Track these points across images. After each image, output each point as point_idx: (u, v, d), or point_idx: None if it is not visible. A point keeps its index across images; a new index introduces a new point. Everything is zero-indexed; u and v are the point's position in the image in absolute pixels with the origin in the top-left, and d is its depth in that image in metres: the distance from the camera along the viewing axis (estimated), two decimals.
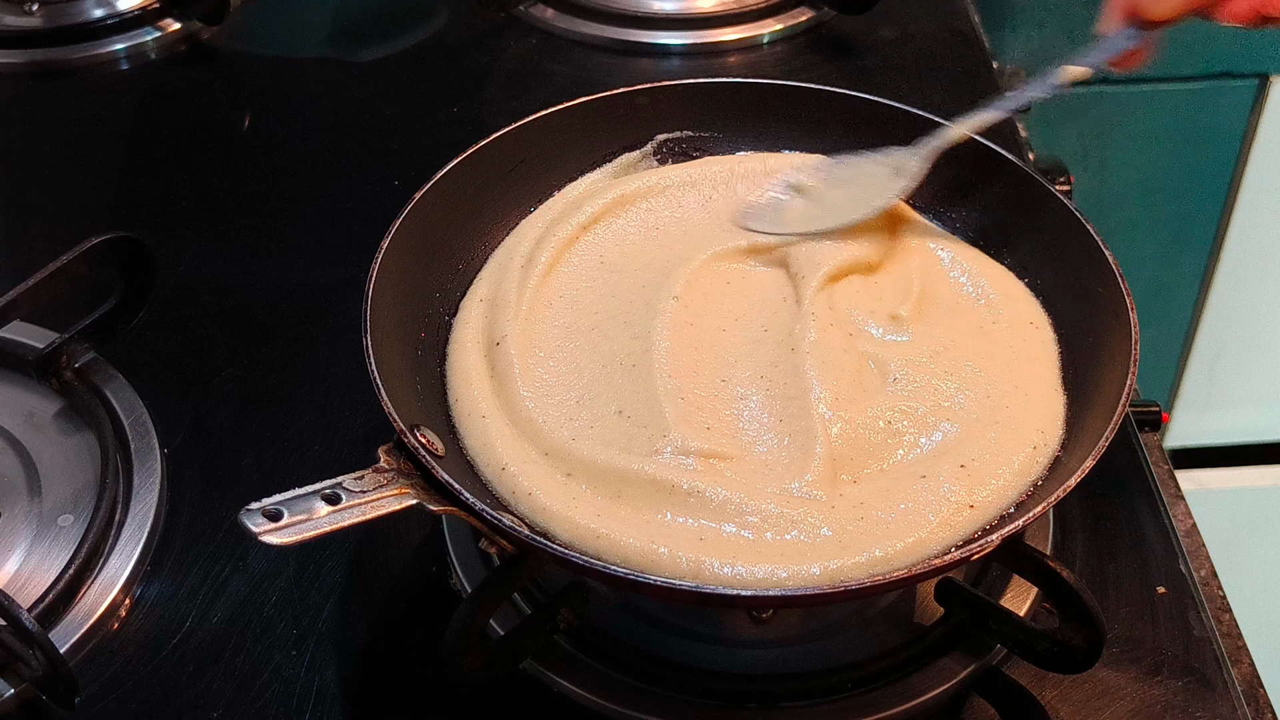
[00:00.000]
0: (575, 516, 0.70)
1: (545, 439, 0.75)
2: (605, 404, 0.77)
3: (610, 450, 0.74)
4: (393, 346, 0.78)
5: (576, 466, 0.74)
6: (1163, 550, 0.85)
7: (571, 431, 0.76)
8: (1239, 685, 0.78)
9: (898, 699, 0.76)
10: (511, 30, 1.32)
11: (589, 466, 0.73)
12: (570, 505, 0.71)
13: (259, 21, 1.36)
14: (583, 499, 0.72)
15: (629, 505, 0.72)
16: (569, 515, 0.71)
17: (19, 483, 0.88)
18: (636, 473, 0.72)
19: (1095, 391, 0.76)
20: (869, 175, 0.88)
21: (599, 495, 0.72)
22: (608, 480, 0.73)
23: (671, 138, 0.94)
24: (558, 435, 0.75)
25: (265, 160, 1.19)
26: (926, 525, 0.70)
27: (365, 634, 0.81)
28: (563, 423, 0.77)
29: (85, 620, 0.80)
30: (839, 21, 1.30)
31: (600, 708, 0.76)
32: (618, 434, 0.75)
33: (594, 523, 0.70)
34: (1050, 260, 0.84)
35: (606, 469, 0.73)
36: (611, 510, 0.71)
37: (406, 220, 0.82)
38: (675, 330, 0.81)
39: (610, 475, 0.73)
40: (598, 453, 0.74)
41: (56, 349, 0.91)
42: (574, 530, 0.70)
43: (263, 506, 0.63)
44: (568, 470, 0.74)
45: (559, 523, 0.71)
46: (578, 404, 0.78)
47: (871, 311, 0.83)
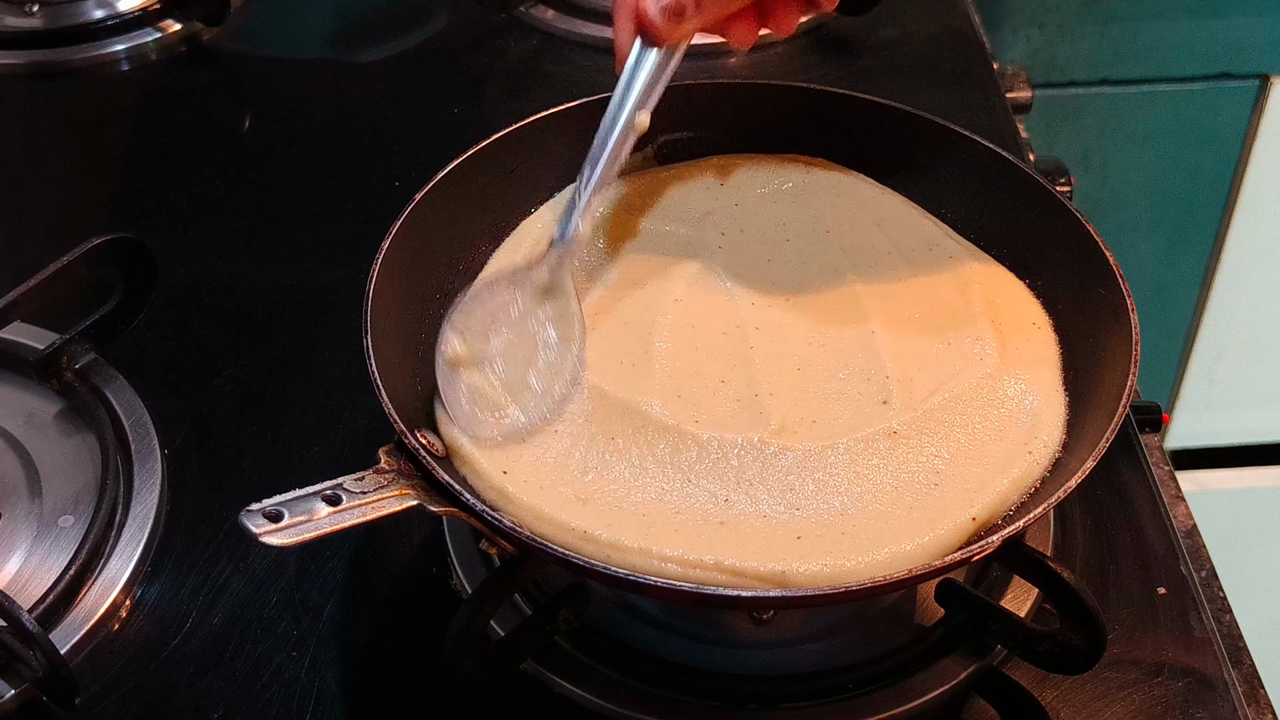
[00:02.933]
0: (574, 518, 0.70)
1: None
2: None
3: (610, 451, 0.74)
4: (393, 347, 0.78)
5: (576, 467, 0.74)
6: (1163, 551, 0.85)
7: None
8: (1239, 686, 0.78)
9: (898, 700, 0.76)
10: (512, 31, 1.32)
11: (589, 468, 0.74)
12: (570, 506, 0.71)
13: (259, 22, 1.36)
14: (583, 500, 0.72)
15: (630, 506, 0.72)
16: (567, 517, 0.70)
17: (19, 484, 0.88)
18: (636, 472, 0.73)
19: (1096, 392, 0.76)
20: (510, 308, 0.78)
21: (599, 495, 0.72)
22: (608, 480, 0.73)
23: (672, 138, 0.93)
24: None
25: (266, 161, 1.19)
26: (928, 527, 0.70)
27: (366, 635, 0.82)
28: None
29: (86, 621, 0.80)
30: (839, 22, 1.30)
31: (601, 709, 0.76)
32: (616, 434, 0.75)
33: (594, 525, 0.70)
34: (1051, 261, 0.84)
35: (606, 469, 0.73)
36: (612, 511, 0.71)
37: (407, 221, 0.82)
38: (675, 331, 0.81)
39: (611, 475, 0.73)
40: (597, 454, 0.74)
41: (57, 350, 0.91)
42: (573, 531, 0.70)
43: (263, 507, 0.63)
44: (568, 470, 0.74)
45: (559, 524, 0.70)
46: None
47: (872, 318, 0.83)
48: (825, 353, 0.81)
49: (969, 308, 0.82)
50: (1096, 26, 1.55)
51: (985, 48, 1.27)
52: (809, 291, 0.85)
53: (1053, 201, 0.84)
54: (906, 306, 0.83)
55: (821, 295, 0.84)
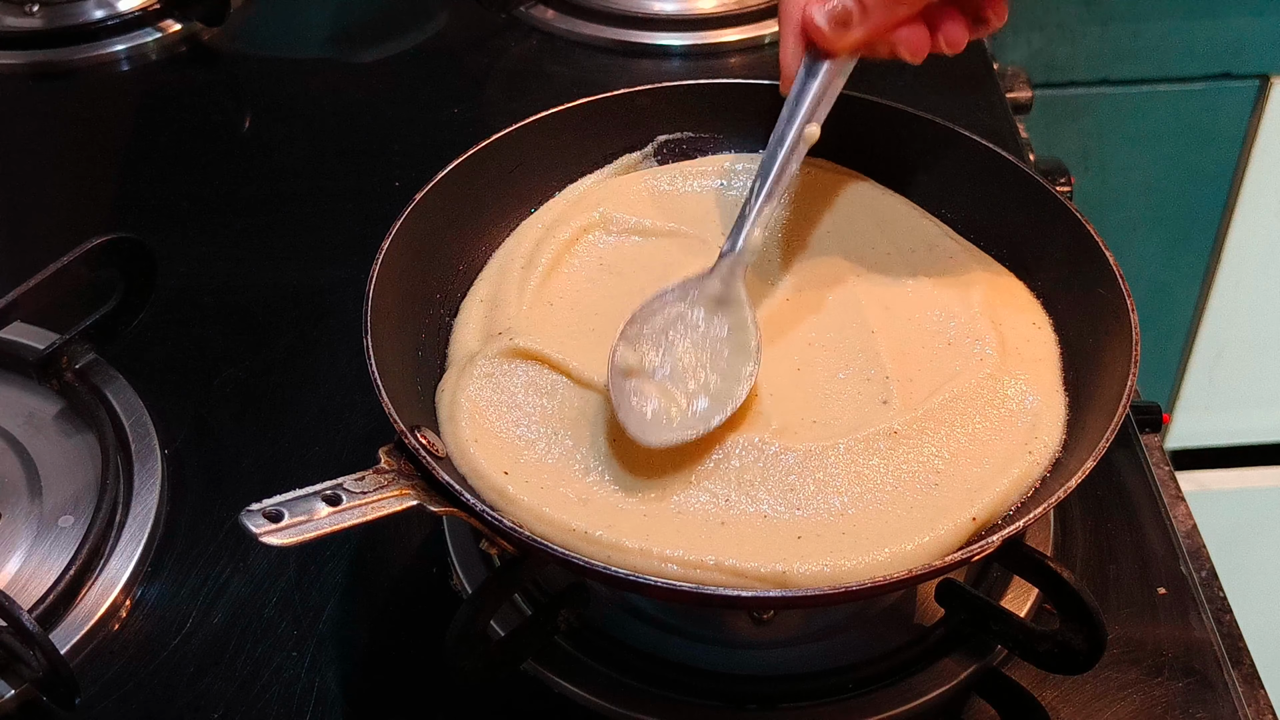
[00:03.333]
0: (574, 519, 0.70)
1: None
2: (605, 405, 0.77)
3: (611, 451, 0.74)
4: (393, 347, 0.78)
5: (577, 468, 0.74)
6: (1163, 551, 0.85)
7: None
8: (1239, 686, 0.78)
9: (898, 700, 0.76)
10: (512, 31, 1.32)
11: (590, 468, 0.74)
12: (571, 506, 0.71)
13: (259, 23, 1.37)
14: (583, 500, 0.72)
15: (631, 506, 0.72)
16: (568, 518, 0.70)
17: (20, 484, 0.88)
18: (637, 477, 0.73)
19: (1096, 392, 0.76)
20: (685, 319, 0.78)
21: (600, 495, 0.72)
22: (609, 481, 0.73)
23: (672, 138, 0.94)
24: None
25: (266, 161, 1.19)
26: (928, 527, 0.70)
27: (366, 635, 0.82)
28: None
29: (86, 621, 0.80)
30: None
31: (601, 709, 0.76)
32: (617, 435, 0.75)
33: (594, 525, 0.70)
34: (1051, 261, 0.84)
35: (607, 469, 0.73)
36: (613, 511, 0.71)
37: (407, 221, 0.82)
38: None
39: (611, 476, 0.73)
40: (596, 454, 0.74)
41: (57, 350, 0.91)
42: (574, 532, 0.70)
43: (263, 507, 0.63)
44: (569, 470, 0.74)
45: (559, 524, 0.70)
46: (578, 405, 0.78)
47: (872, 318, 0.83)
48: (825, 353, 0.81)
49: (969, 308, 0.82)
50: (1096, 26, 1.55)
51: (985, 48, 1.27)
52: (809, 291, 0.85)
53: (1053, 201, 0.84)
54: (907, 307, 0.83)
55: (821, 295, 0.84)
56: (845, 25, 0.76)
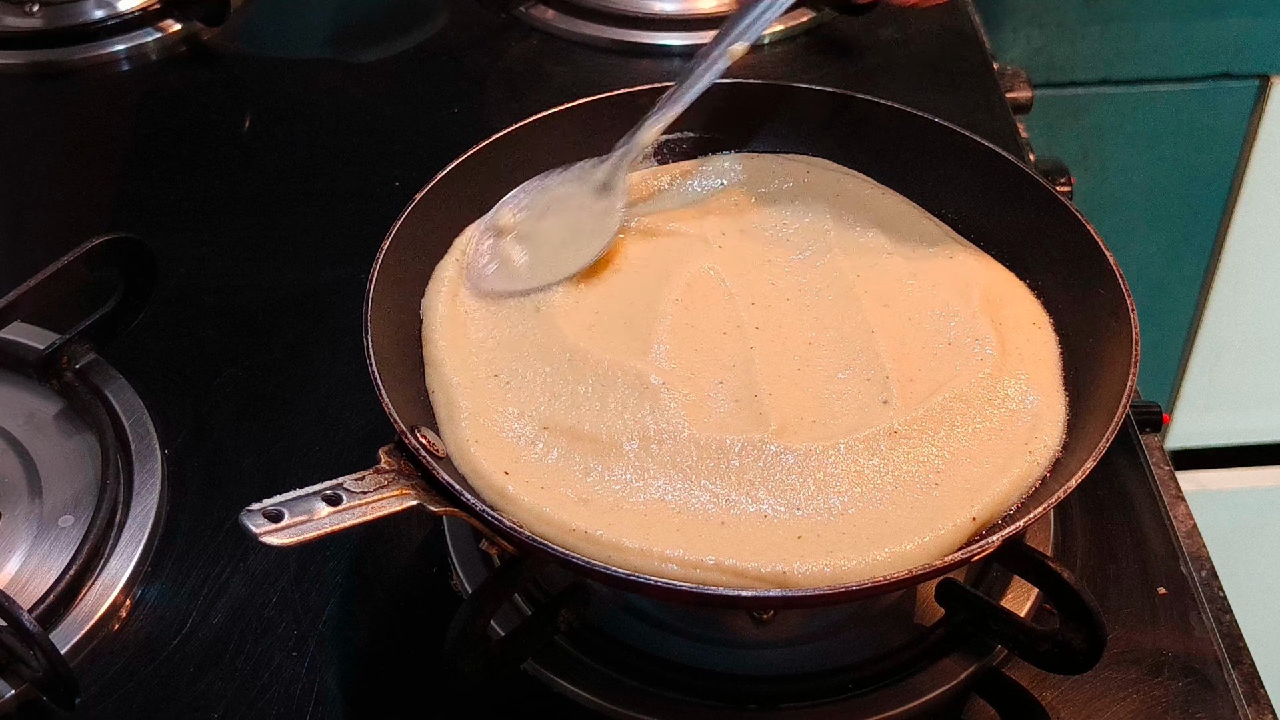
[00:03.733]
0: (574, 519, 0.70)
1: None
2: (604, 405, 0.77)
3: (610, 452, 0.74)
4: (393, 347, 0.78)
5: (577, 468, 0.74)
6: (1163, 551, 0.85)
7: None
8: (1240, 686, 0.78)
9: (898, 700, 0.76)
10: (512, 31, 1.32)
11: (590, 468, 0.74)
12: (571, 506, 0.71)
13: (260, 23, 1.36)
14: (584, 500, 0.72)
15: (631, 506, 0.72)
16: (568, 518, 0.70)
17: (20, 484, 0.88)
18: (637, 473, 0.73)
19: (1096, 392, 0.76)
20: (570, 199, 0.85)
21: (600, 496, 0.72)
22: (609, 481, 0.73)
23: (672, 138, 0.94)
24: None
25: (266, 161, 1.19)
26: (928, 527, 0.70)
27: (366, 635, 0.82)
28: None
29: (86, 621, 0.80)
30: (840, 22, 1.30)
31: (601, 709, 0.76)
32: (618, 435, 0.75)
33: (594, 525, 0.70)
34: (1051, 261, 0.84)
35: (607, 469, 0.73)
36: (613, 511, 0.71)
37: (407, 221, 0.82)
38: (675, 333, 0.81)
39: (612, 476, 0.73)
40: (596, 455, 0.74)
41: (57, 350, 0.91)
42: (574, 532, 0.70)
43: (263, 507, 0.63)
44: (569, 470, 0.74)
45: (559, 524, 0.70)
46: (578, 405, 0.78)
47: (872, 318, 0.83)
48: (825, 353, 0.81)
49: (969, 308, 0.82)
50: (1096, 26, 1.55)
51: (985, 48, 1.27)
52: (809, 291, 0.85)
53: (1053, 201, 0.84)
54: (906, 306, 0.83)
55: (821, 295, 0.84)
56: None
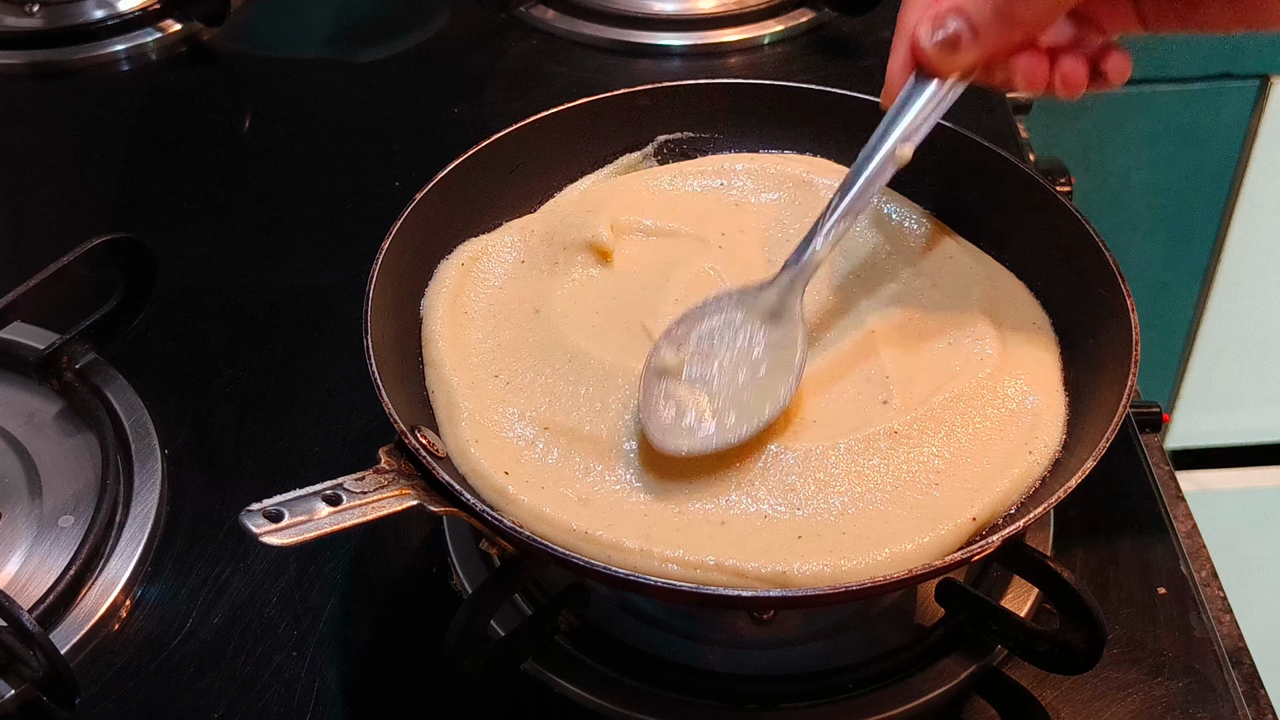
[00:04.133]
0: (575, 519, 0.70)
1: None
2: (604, 405, 0.77)
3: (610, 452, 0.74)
4: (393, 347, 0.78)
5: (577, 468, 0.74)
6: (1163, 551, 0.85)
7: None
8: (1239, 686, 0.78)
9: (899, 700, 0.76)
10: (512, 31, 1.32)
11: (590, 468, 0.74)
12: (571, 506, 0.71)
13: (259, 22, 1.37)
14: (584, 500, 0.72)
15: (631, 506, 0.72)
16: (568, 517, 0.70)
17: (20, 484, 0.88)
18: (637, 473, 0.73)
19: (1096, 392, 0.76)
20: (737, 326, 0.76)
21: (601, 496, 0.72)
22: (609, 481, 0.73)
23: (672, 138, 0.94)
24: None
25: (266, 161, 1.19)
26: (928, 527, 0.70)
27: (366, 635, 0.82)
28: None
29: (86, 621, 0.80)
30: (840, 22, 1.30)
31: (601, 709, 0.76)
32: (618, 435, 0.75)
33: (594, 525, 0.70)
34: (1051, 261, 0.84)
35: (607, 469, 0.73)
36: (613, 511, 0.71)
37: (407, 221, 0.82)
38: None
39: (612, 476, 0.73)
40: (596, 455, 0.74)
41: (57, 350, 0.91)
42: (574, 532, 0.70)
43: (263, 507, 0.63)
44: (569, 470, 0.74)
45: (559, 524, 0.70)
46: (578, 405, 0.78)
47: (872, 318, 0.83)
48: (825, 352, 0.80)
49: (969, 308, 0.82)
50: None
51: None
52: (809, 292, 0.84)
53: (1053, 201, 0.84)
54: (906, 307, 0.83)
55: (821, 295, 0.84)
56: (954, 49, 0.70)
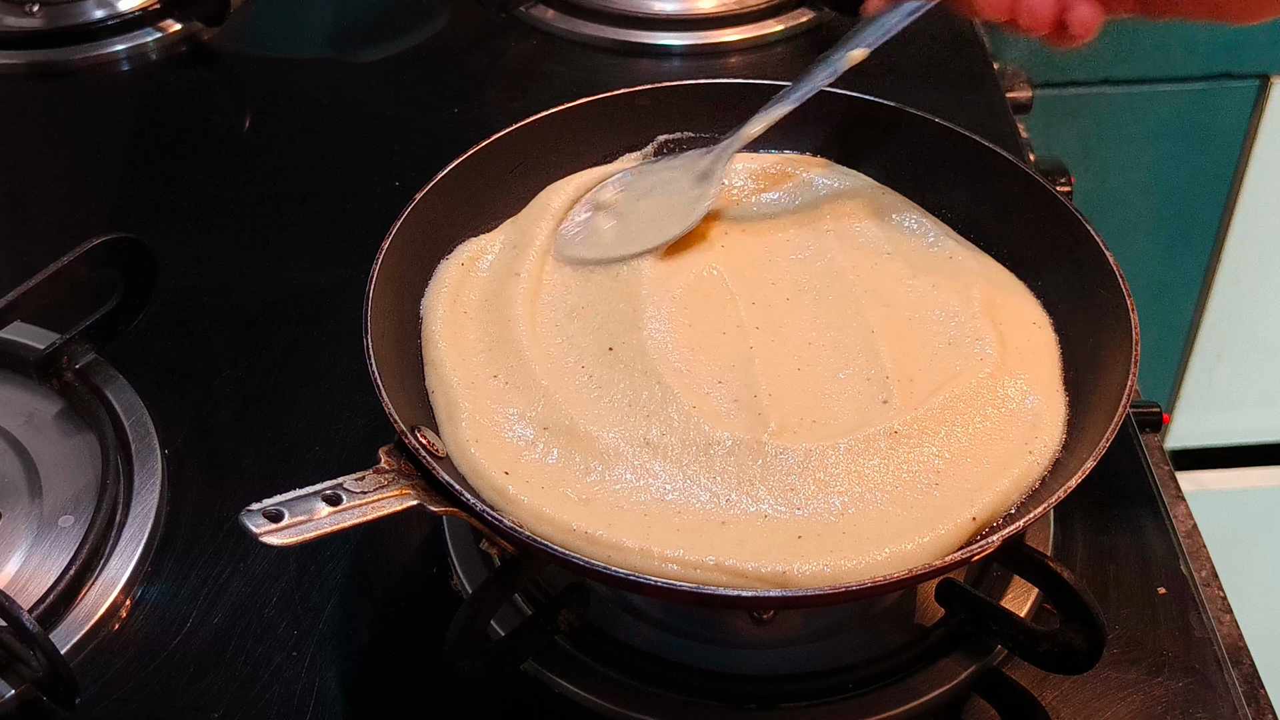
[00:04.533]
0: (575, 519, 0.70)
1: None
2: (604, 405, 0.77)
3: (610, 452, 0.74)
4: (393, 347, 0.78)
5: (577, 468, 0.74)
6: (1163, 551, 0.85)
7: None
8: (1240, 686, 0.78)
9: (899, 700, 0.76)
10: (512, 31, 1.32)
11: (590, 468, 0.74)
12: (571, 506, 0.71)
13: (259, 22, 1.36)
14: (584, 500, 0.72)
15: (631, 506, 0.72)
16: (568, 518, 0.70)
17: (20, 484, 0.88)
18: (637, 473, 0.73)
19: (1096, 392, 0.76)
20: (671, 183, 0.87)
21: (601, 496, 0.72)
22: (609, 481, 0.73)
23: (672, 138, 0.93)
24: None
25: (266, 161, 1.19)
26: (928, 527, 0.70)
27: (366, 635, 0.82)
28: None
29: (86, 621, 0.80)
30: (840, 23, 1.30)
31: (601, 709, 0.76)
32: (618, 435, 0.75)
33: (595, 525, 0.70)
34: (1051, 261, 0.84)
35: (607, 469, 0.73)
36: (613, 511, 0.71)
37: (407, 221, 0.82)
38: (675, 332, 0.81)
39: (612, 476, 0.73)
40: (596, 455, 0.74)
41: (57, 350, 0.91)
42: (574, 532, 0.70)
43: (263, 507, 0.63)
44: (569, 470, 0.74)
45: (560, 524, 0.70)
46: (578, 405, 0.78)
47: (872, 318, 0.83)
48: (825, 353, 0.81)
49: (969, 308, 0.82)
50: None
51: (985, 48, 1.27)
52: (809, 291, 0.85)
53: (1053, 201, 0.84)
54: (906, 306, 0.83)
55: (821, 295, 0.84)
56: None
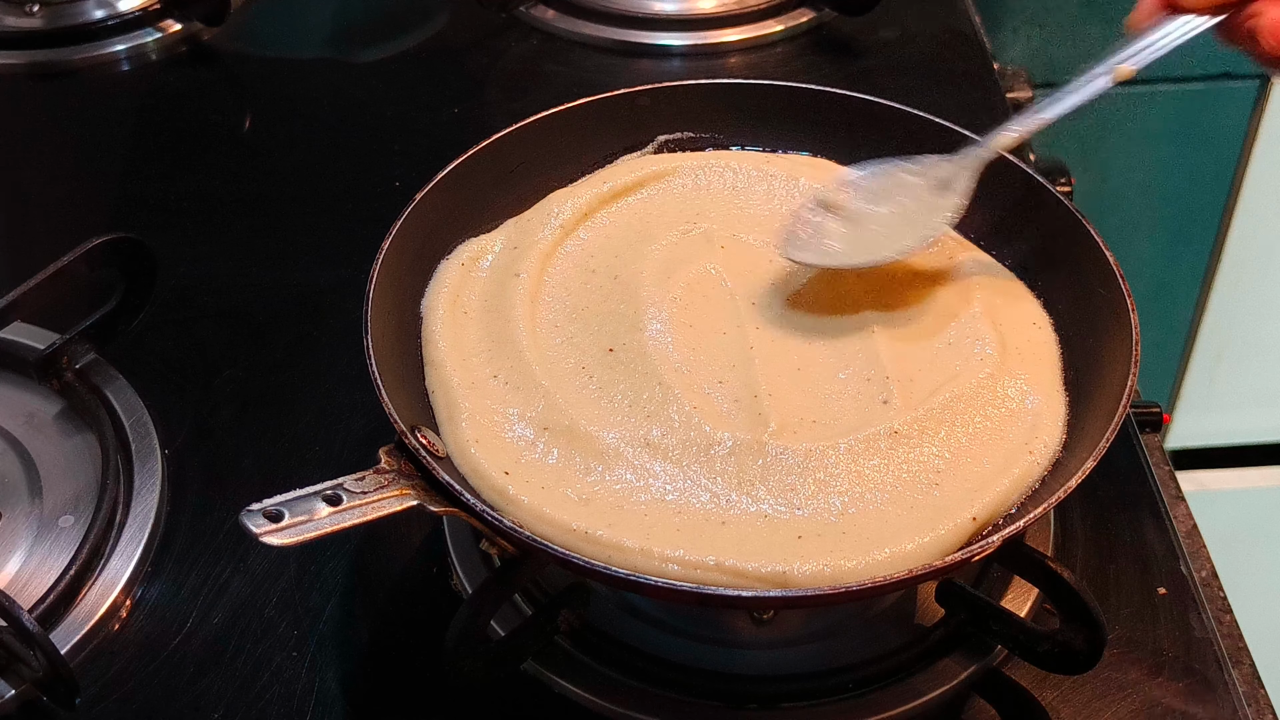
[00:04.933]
0: (575, 519, 0.70)
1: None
2: (604, 405, 0.77)
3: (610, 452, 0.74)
4: (393, 347, 0.78)
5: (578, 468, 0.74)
6: (1163, 551, 0.85)
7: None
8: (1240, 686, 0.78)
9: (899, 700, 0.76)
10: (512, 31, 1.32)
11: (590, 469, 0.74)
12: (571, 506, 0.71)
13: (260, 22, 1.37)
14: (584, 500, 0.72)
15: (632, 506, 0.72)
16: (569, 518, 0.70)
17: (20, 484, 0.88)
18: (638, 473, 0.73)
19: (1096, 392, 0.76)
20: (907, 188, 0.83)
21: (601, 496, 0.72)
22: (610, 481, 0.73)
23: (672, 138, 0.94)
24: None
25: (266, 161, 1.19)
26: (928, 527, 0.70)
27: (366, 635, 0.82)
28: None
29: (86, 621, 0.80)
30: (840, 23, 1.30)
31: (601, 709, 0.76)
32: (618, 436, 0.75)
33: (595, 525, 0.70)
34: (1051, 261, 0.84)
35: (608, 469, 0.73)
36: (614, 511, 0.71)
37: (407, 221, 0.82)
38: (675, 333, 0.81)
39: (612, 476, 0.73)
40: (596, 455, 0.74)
41: (57, 350, 0.91)
42: (574, 532, 0.70)
43: (264, 507, 0.63)
44: (569, 471, 0.74)
45: (560, 524, 0.70)
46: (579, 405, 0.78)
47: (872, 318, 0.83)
48: (825, 353, 0.81)
49: (969, 308, 0.82)
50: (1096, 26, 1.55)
51: (985, 48, 1.27)
52: (809, 291, 0.85)
53: (1053, 201, 0.84)
54: (906, 307, 0.83)
55: (821, 295, 0.84)
56: None
